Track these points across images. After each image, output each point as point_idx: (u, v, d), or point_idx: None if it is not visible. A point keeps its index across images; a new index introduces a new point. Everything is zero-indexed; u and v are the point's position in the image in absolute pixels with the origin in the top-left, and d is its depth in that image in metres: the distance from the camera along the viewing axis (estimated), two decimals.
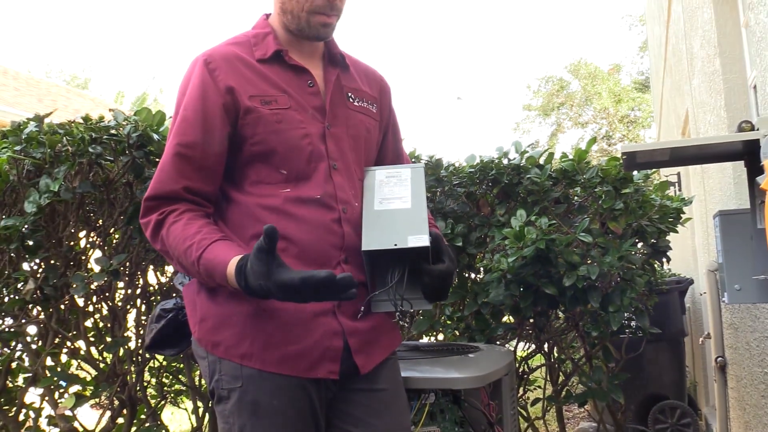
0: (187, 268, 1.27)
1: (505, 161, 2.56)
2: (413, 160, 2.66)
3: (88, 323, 2.50)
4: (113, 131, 2.22)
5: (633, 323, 2.56)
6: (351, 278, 1.11)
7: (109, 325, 2.49)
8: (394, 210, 1.35)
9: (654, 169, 2.78)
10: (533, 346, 2.79)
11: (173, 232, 1.27)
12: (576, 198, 2.54)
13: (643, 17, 18.21)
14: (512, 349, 2.65)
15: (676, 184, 5.65)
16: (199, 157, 1.31)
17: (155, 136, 2.23)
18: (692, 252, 5.02)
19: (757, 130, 1.71)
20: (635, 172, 2.46)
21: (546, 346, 2.74)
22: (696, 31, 3.63)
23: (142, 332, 2.49)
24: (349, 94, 1.46)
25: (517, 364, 2.67)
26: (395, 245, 1.28)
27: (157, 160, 2.26)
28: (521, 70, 54.63)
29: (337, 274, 1.10)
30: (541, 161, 2.53)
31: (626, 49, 45.69)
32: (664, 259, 2.75)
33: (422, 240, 1.28)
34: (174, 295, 2.45)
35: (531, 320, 2.61)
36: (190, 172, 1.31)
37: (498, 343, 2.61)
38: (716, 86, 3.05)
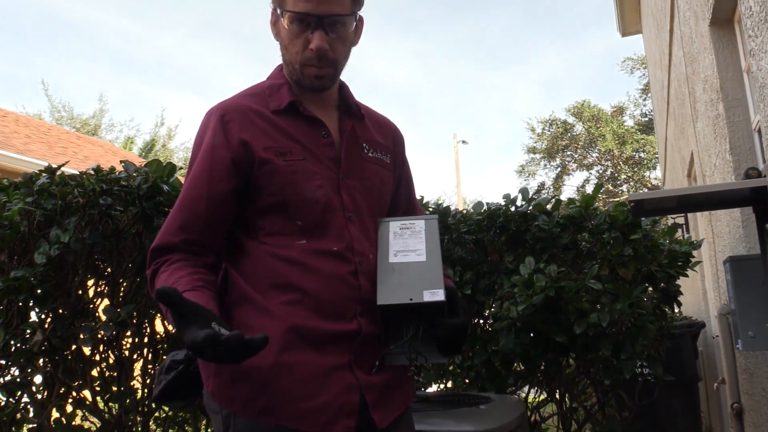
0: (166, 318, 1.27)
1: (512, 208, 2.56)
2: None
3: (94, 372, 2.48)
4: (124, 182, 2.25)
5: (645, 370, 2.52)
6: (239, 336, 1.03)
7: (115, 375, 2.47)
8: (409, 263, 1.34)
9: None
10: (544, 394, 2.74)
11: (159, 282, 1.28)
12: (584, 244, 2.53)
13: (644, 60, 18.46)
14: (523, 396, 2.60)
15: (684, 227, 5.63)
16: (202, 211, 1.32)
17: (165, 187, 2.26)
18: (702, 294, 4.98)
19: (765, 177, 1.72)
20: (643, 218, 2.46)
21: (557, 393, 2.69)
22: (698, 75, 3.67)
23: (148, 381, 2.47)
24: (364, 145, 1.46)
25: (529, 413, 2.62)
26: (410, 300, 1.27)
27: (167, 210, 2.28)
28: (525, 114, 55.20)
29: (224, 335, 1.02)
30: (548, 207, 2.54)
31: (629, 89, 46.15)
32: (675, 304, 2.72)
33: (438, 294, 1.27)
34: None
35: (542, 368, 2.57)
36: (192, 225, 1.32)
37: (509, 391, 2.57)
38: (720, 130, 3.07)
